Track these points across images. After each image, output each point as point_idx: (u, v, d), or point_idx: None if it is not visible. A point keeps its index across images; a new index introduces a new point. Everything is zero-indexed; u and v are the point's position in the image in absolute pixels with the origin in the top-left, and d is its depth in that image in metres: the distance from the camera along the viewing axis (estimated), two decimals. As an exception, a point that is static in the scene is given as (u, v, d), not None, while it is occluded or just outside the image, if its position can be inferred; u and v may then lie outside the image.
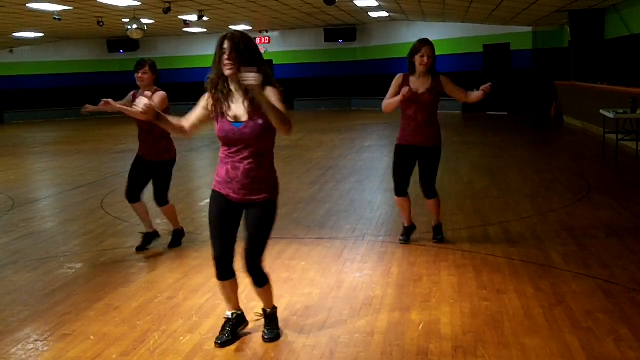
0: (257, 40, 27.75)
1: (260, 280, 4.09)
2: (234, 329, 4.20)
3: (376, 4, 18.95)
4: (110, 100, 5.80)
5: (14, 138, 21.07)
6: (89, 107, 6.20)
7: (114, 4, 16.30)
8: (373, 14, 22.17)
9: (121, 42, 27.63)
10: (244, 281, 5.12)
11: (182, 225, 6.72)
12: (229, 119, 3.78)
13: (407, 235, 6.39)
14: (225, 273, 4.08)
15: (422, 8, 18.86)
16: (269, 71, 3.75)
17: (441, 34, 22.96)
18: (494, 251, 5.95)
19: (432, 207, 6.31)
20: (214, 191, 4.00)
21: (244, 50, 3.69)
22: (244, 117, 3.76)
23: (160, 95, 6.12)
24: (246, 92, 3.73)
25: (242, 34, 3.76)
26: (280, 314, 4.59)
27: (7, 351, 4.18)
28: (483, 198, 8.36)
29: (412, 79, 5.97)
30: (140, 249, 6.46)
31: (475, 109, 22.17)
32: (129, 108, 5.19)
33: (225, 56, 3.69)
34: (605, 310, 4.47)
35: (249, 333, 4.31)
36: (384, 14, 22.04)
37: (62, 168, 13.06)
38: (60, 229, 7.75)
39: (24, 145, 18.54)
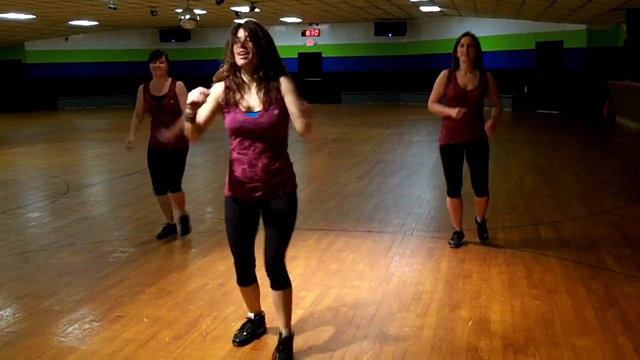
0: (307, 33, 27.85)
1: (282, 282, 3.81)
2: (254, 330, 4.15)
3: (429, -2, 18.83)
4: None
5: (68, 124, 21.55)
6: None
7: (168, -6, 16.52)
8: (424, 9, 21.99)
9: (173, 32, 27.96)
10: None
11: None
12: (242, 109, 3.59)
13: (458, 239, 6.11)
14: (247, 279, 3.97)
15: (475, 3, 18.64)
16: (281, 63, 3.65)
17: (493, 30, 22.68)
18: (545, 251, 5.88)
19: (480, 204, 6.05)
20: (228, 198, 3.79)
21: (259, 38, 3.56)
22: (258, 107, 3.57)
23: (183, 88, 6.25)
24: (259, 82, 3.61)
25: (256, 22, 3.63)
26: (329, 305, 4.64)
27: (65, 329, 4.32)
28: (534, 197, 8.26)
29: (458, 75, 5.72)
30: (162, 237, 6.59)
31: (525, 107, 21.85)
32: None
33: (239, 45, 3.56)
34: (659, 314, 4.41)
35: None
36: (436, 8, 21.85)
37: (115, 155, 13.31)
38: (114, 214, 7.92)
39: (78, 132, 18.96)
